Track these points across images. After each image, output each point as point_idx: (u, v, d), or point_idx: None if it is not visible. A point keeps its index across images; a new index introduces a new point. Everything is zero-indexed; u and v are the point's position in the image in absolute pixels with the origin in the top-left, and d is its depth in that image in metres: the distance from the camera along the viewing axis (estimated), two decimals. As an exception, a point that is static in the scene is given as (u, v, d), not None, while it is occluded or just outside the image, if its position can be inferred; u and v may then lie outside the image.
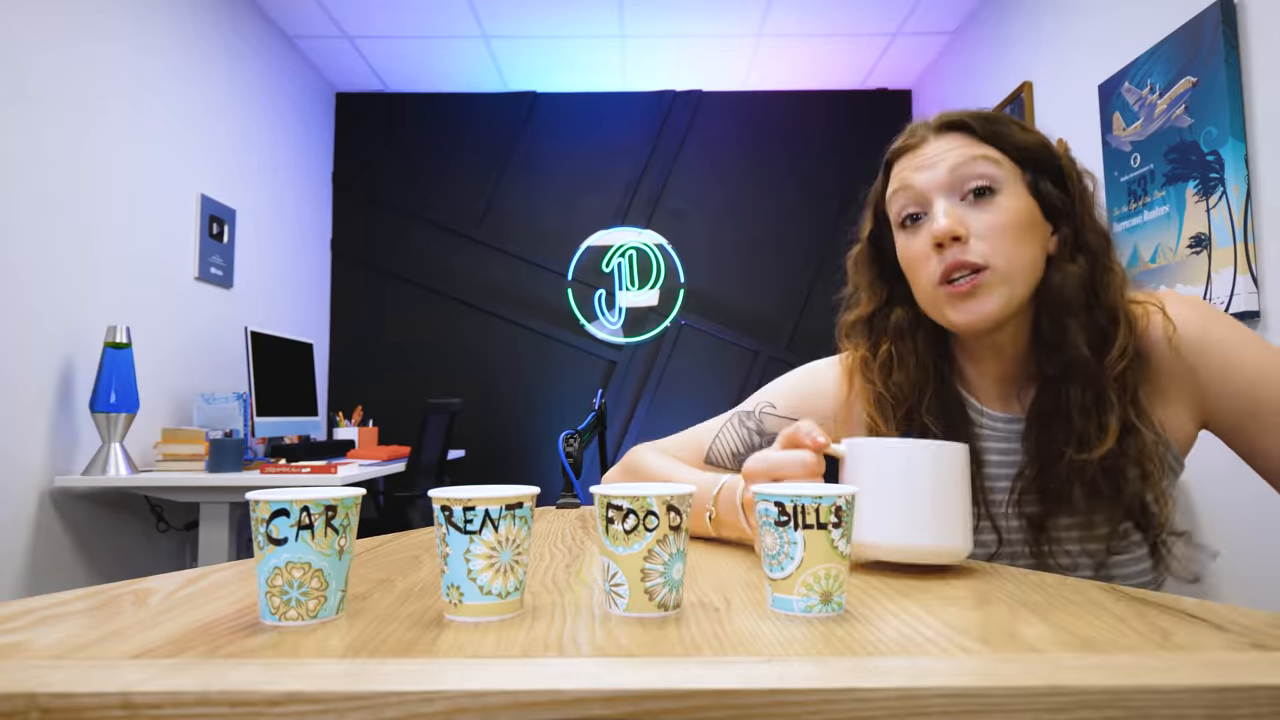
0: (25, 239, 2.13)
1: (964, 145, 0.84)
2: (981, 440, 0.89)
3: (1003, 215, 0.81)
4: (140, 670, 0.39)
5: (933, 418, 0.88)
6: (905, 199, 0.86)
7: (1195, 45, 2.11)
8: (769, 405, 1.00)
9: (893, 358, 0.91)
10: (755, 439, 0.99)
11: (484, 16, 3.45)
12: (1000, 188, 0.82)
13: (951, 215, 0.81)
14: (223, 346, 3.05)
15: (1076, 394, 0.81)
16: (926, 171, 0.84)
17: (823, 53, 3.81)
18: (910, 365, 0.90)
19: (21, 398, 2.12)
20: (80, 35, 2.35)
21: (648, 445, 1.05)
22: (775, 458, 0.71)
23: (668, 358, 4.10)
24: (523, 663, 0.41)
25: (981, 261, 0.80)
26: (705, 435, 1.03)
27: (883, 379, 0.91)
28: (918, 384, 0.89)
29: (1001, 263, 0.80)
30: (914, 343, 0.91)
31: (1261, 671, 0.38)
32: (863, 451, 0.70)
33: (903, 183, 0.86)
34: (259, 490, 0.53)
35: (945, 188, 0.83)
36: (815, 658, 0.42)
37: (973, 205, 0.82)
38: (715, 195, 4.12)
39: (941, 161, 0.83)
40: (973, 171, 0.82)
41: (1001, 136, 0.84)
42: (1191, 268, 2.13)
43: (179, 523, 2.75)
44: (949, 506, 0.67)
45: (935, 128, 0.86)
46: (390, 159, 4.17)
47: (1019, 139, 0.84)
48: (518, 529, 0.53)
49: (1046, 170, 0.85)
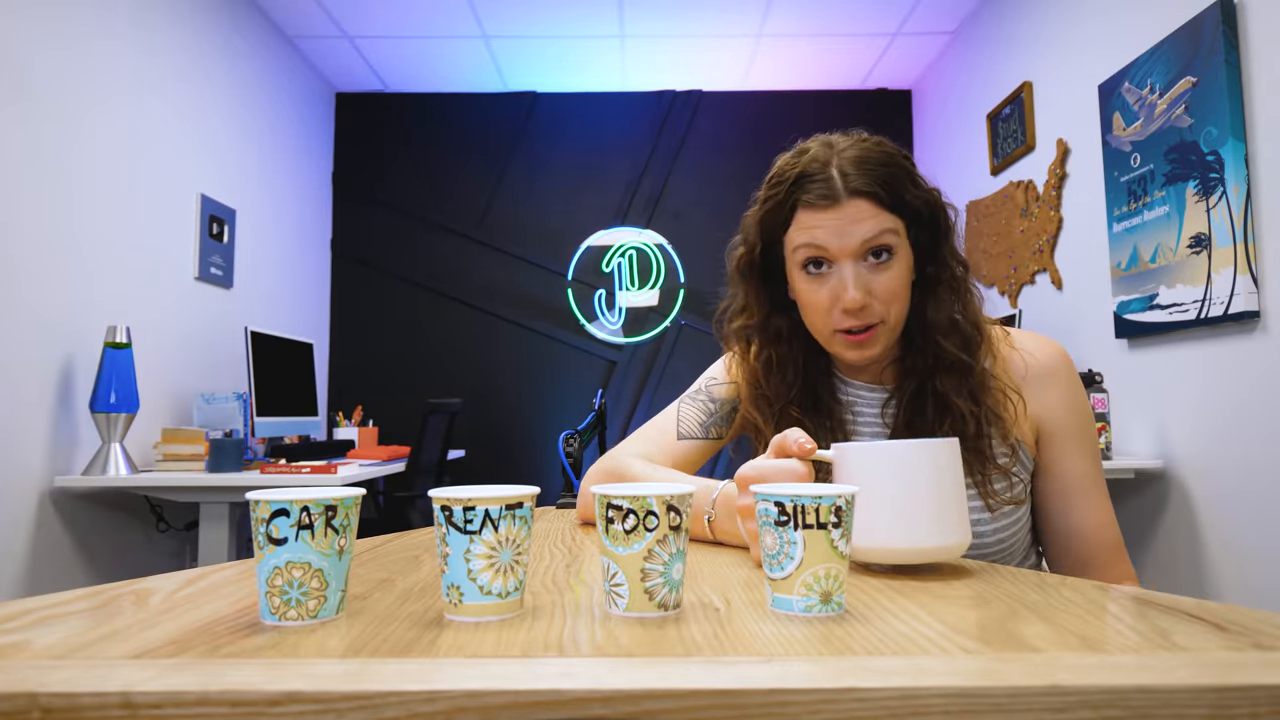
0: (25, 239, 2.13)
1: (872, 215, 0.92)
2: (850, 406, 1.03)
3: (896, 278, 0.93)
4: (140, 670, 0.39)
5: (798, 408, 1.00)
6: (815, 253, 0.94)
7: (1195, 45, 2.11)
8: (712, 379, 1.12)
9: (772, 359, 1.02)
10: (711, 406, 1.09)
11: (484, 16, 3.45)
12: (896, 250, 0.93)
13: (861, 287, 0.91)
14: (223, 346, 3.05)
15: (952, 382, 0.95)
16: (839, 239, 0.92)
17: (822, 53, 3.81)
18: (787, 367, 1.01)
19: (21, 398, 2.12)
20: (80, 35, 2.35)
21: (622, 449, 1.08)
22: (766, 466, 0.74)
23: (668, 358, 4.10)
24: (523, 663, 0.41)
25: (877, 320, 0.93)
26: (668, 421, 1.10)
27: (765, 378, 1.02)
28: (791, 382, 1.01)
29: (893, 317, 0.94)
30: (791, 347, 1.02)
31: (1261, 671, 0.38)
32: (851, 455, 0.69)
33: (815, 240, 0.93)
34: (259, 490, 0.53)
35: (854, 255, 0.92)
36: (815, 658, 0.42)
37: (873, 267, 0.93)
38: (715, 195, 4.12)
39: (853, 233, 0.91)
40: (879, 242, 0.92)
41: (902, 204, 0.93)
42: (1191, 268, 2.13)
43: (179, 523, 2.75)
44: (943, 502, 0.66)
45: (847, 190, 0.92)
46: (390, 159, 4.17)
47: (913, 202, 0.94)
48: (518, 529, 0.53)
49: (926, 224, 0.96)
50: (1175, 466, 2.26)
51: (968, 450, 0.92)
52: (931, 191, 0.97)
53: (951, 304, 0.97)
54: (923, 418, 0.96)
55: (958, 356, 0.95)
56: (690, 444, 1.07)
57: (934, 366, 0.96)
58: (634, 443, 1.09)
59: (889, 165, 0.93)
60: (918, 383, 0.97)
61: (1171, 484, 2.27)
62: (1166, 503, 2.29)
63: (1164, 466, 2.29)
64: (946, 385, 0.95)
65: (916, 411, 0.97)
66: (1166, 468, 2.28)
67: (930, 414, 0.96)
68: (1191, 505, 2.21)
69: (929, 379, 0.96)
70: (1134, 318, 2.37)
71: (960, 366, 0.95)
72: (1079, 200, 2.73)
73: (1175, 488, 2.26)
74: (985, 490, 0.93)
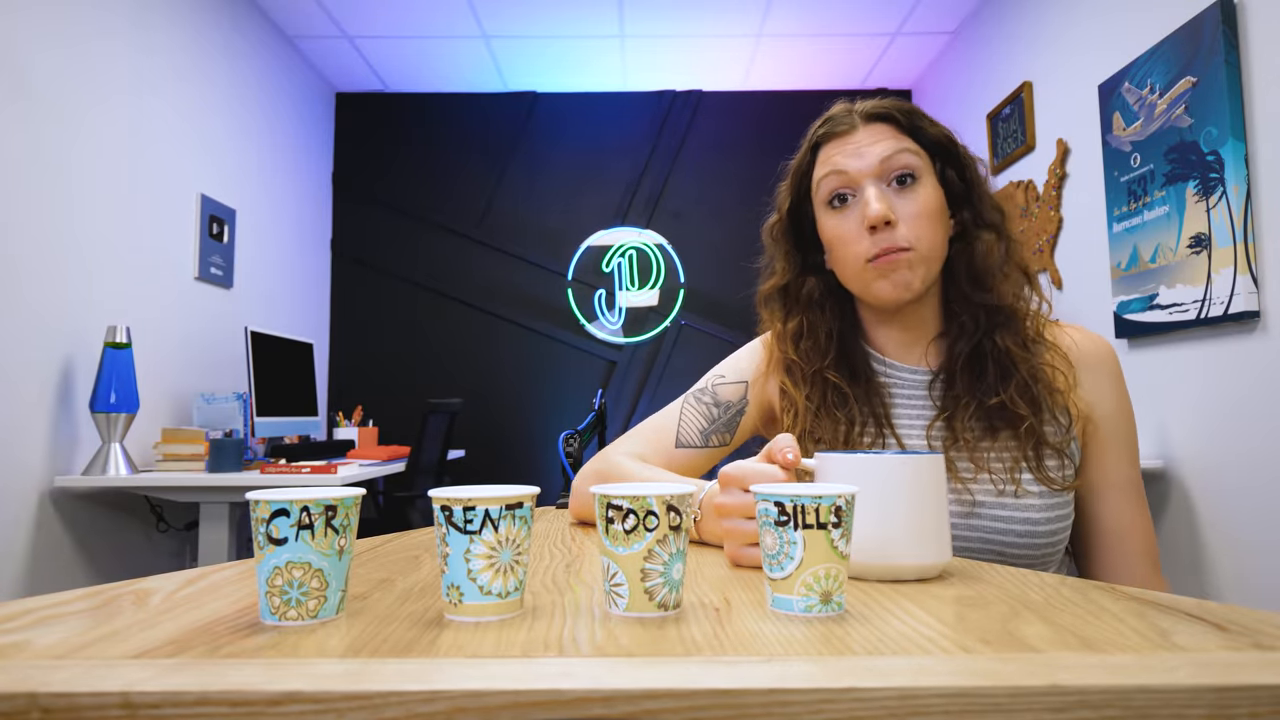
0: (25, 239, 2.13)
1: (890, 136, 0.92)
2: (890, 389, 0.98)
3: (923, 202, 0.91)
4: (140, 670, 0.39)
5: (836, 373, 0.96)
6: (836, 182, 0.94)
7: (1195, 45, 2.11)
8: (719, 378, 1.07)
9: (804, 325, 1.00)
10: (714, 411, 1.04)
11: (484, 16, 3.45)
12: (920, 176, 0.92)
13: (884, 201, 0.89)
14: (223, 346, 3.05)
15: (1011, 337, 0.91)
16: (857, 159, 0.92)
17: (822, 53, 3.81)
18: (819, 331, 0.99)
19: (21, 398, 2.12)
20: (80, 35, 2.35)
21: (616, 448, 1.04)
22: (749, 468, 0.72)
23: (668, 358, 4.10)
24: (523, 663, 0.41)
25: (907, 244, 0.90)
26: (669, 423, 1.05)
27: (794, 345, 1.00)
28: (824, 348, 0.98)
29: (924, 245, 0.91)
30: (824, 311, 1.00)
31: (1261, 671, 0.38)
32: (832, 465, 0.68)
33: (834, 167, 0.93)
34: (259, 490, 0.53)
35: (875, 175, 0.91)
36: (815, 658, 0.42)
37: (897, 192, 0.91)
38: (715, 195, 4.12)
39: (871, 151, 0.92)
40: (899, 162, 0.91)
41: (919, 129, 0.94)
42: (1191, 268, 2.13)
43: (179, 523, 2.75)
44: (922, 519, 0.64)
45: (863, 116, 0.94)
46: (390, 159, 4.17)
47: (931, 132, 0.94)
48: (518, 529, 0.53)
49: (950, 160, 0.95)
50: (1175, 466, 2.26)
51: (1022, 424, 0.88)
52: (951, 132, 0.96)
53: (995, 248, 0.93)
54: (983, 382, 0.91)
55: (1006, 299, 0.91)
56: (689, 453, 1.03)
57: (987, 323, 0.92)
58: (630, 441, 1.05)
59: (906, 104, 0.95)
60: (972, 346, 0.92)
61: (1172, 483, 2.27)
62: (1166, 502, 2.29)
63: (1164, 466, 2.29)
64: (1004, 338, 0.90)
65: (977, 376, 0.91)
66: (1167, 467, 2.28)
67: (991, 375, 0.90)
68: (1192, 505, 2.21)
69: (985, 337, 0.91)
70: (1134, 318, 2.37)
71: (1012, 315, 0.91)
72: (1079, 200, 2.73)
73: (1175, 487, 2.26)
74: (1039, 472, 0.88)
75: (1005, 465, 0.89)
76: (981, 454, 0.90)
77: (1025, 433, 0.89)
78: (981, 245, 0.93)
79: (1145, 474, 2.34)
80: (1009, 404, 0.89)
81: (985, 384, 0.91)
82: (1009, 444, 0.90)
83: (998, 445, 0.91)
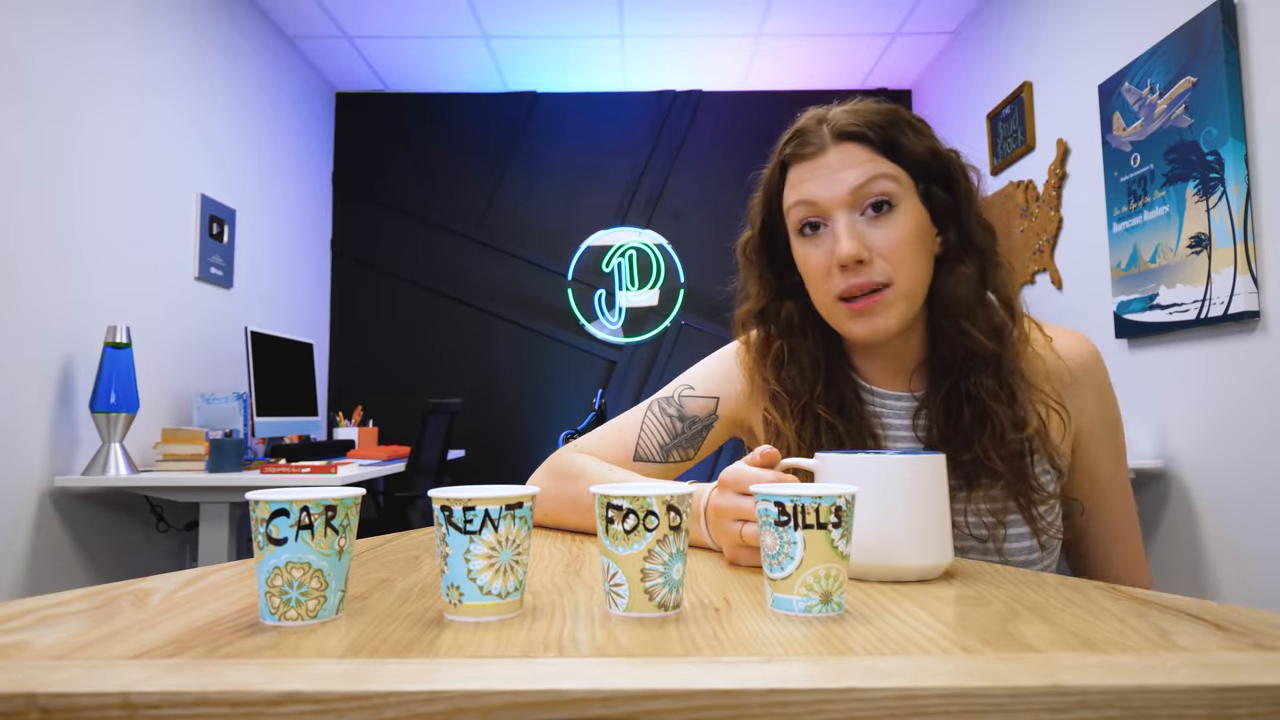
0: (25, 239, 2.13)
1: (863, 160, 0.83)
2: (881, 418, 0.91)
3: (901, 231, 0.82)
4: (140, 670, 0.39)
5: (825, 407, 0.89)
6: (805, 211, 0.86)
7: (1195, 45, 2.11)
8: (687, 388, 0.99)
9: (785, 352, 0.92)
10: (677, 425, 0.97)
11: (484, 16, 3.45)
12: (898, 202, 0.83)
13: (854, 238, 0.82)
14: (223, 346, 3.05)
15: (988, 382, 0.83)
16: (828, 187, 0.83)
17: (822, 53, 3.81)
18: (803, 360, 0.91)
19: (21, 398, 2.12)
20: (80, 35, 2.35)
21: (573, 448, 0.99)
22: (747, 472, 0.70)
23: (668, 358, 4.10)
24: (523, 663, 0.41)
25: (883, 280, 0.82)
26: (628, 431, 0.98)
27: (775, 375, 0.92)
28: (810, 378, 0.90)
29: (902, 280, 0.82)
30: (805, 338, 0.92)
31: (1261, 671, 0.38)
32: (831, 466, 0.67)
33: (803, 195, 0.85)
34: (259, 490, 0.53)
35: (846, 205, 0.83)
36: (815, 658, 0.42)
37: (872, 220, 0.83)
38: (715, 195, 4.12)
39: (842, 179, 0.83)
40: (872, 190, 0.82)
41: (897, 147, 0.84)
42: (1191, 268, 2.13)
43: (179, 523, 2.75)
44: (923, 520, 0.64)
45: (834, 134, 0.85)
46: (390, 159, 4.17)
47: (912, 148, 0.84)
48: (518, 529, 0.52)
49: (936, 175, 0.86)
50: (1175, 466, 2.26)
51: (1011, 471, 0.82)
52: (947, 151, 0.87)
53: (976, 277, 0.85)
54: (957, 428, 0.84)
55: (984, 345, 0.83)
56: (646, 467, 0.96)
57: (964, 361, 0.84)
58: (590, 443, 0.99)
59: (883, 113, 0.84)
60: (950, 383, 0.85)
61: (1171, 484, 2.27)
62: (1166, 503, 2.29)
63: (1164, 466, 2.29)
64: (980, 385, 0.83)
65: (950, 420, 0.85)
66: (1166, 468, 2.28)
67: (967, 421, 0.83)
68: (1191, 505, 2.21)
69: (961, 379, 0.84)
70: (1134, 318, 2.37)
71: (991, 359, 0.83)
72: (1079, 200, 2.73)
73: (1175, 488, 2.26)
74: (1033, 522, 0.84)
75: (988, 525, 0.85)
76: (960, 505, 0.84)
77: (1003, 489, 0.84)
78: (953, 281, 0.86)
79: (1145, 474, 2.34)
80: (983, 459, 0.83)
81: (960, 436, 0.84)
82: (992, 493, 0.85)
83: (975, 496, 0.85)
